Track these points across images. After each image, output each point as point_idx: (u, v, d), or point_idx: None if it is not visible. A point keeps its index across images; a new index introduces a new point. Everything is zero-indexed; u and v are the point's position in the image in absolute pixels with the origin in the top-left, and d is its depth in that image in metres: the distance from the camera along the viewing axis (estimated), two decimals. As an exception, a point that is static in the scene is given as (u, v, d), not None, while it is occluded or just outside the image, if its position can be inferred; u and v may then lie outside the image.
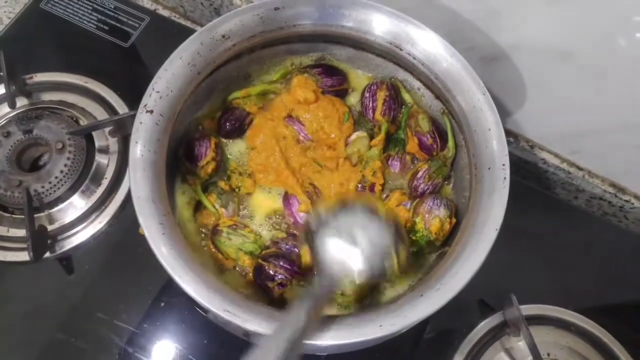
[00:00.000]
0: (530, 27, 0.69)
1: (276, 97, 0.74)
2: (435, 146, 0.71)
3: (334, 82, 0.75)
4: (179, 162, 0.69)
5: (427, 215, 0.66)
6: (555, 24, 0.66)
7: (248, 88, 0.74)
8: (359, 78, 0.77)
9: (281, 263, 0.64)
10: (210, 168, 0.69)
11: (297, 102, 0.73)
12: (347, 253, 0.54)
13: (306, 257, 0.62)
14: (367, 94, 0.74)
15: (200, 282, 0.53)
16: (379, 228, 0.56)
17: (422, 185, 0.70)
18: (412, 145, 0.73)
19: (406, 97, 0.74)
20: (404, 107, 0.75)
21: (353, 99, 0.76)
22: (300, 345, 0.48)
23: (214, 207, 0.68)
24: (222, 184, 0.70)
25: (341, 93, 0.76)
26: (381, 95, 0.73)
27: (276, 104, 0.73)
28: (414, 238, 0.66)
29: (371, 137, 0.73)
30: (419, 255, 0.66)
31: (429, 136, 0.71)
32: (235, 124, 0.73)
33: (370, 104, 0.73)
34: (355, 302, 0.65)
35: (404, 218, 0.67)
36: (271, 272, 0.64)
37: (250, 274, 0.66)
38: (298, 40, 0.72)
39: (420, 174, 0.70)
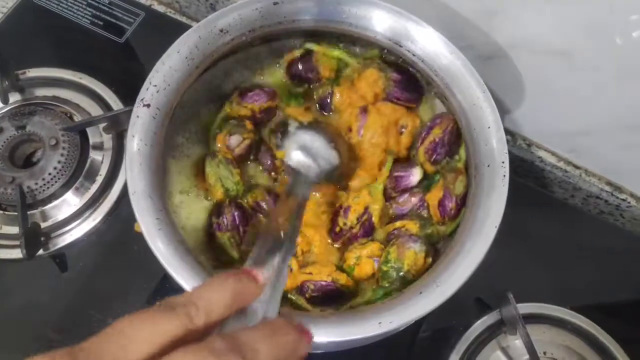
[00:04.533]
0: (528, 26, 0.69)
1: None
2: (453, 213, 0.65)
3: (405, 97, 0.71)
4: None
5: (402, 247, 0.63)
6: (553, 22, 0.66)
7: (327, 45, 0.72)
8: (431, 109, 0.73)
9: (236, 214, 0.64)
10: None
11: (356, 94, 0.71)
12: (306, 160, 0.62)
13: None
14: (429, 123, 0.70)
15: (197, 278, 0.53)
16: (326, 140, 0.65)
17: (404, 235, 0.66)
18: (434, 196, 0.67)
19: (462, 153, 0.69)
20: (452, 157, 0.69)
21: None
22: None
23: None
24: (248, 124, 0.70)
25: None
26: (436, 132, 0.68)
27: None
28: (384, 269, 0.63)
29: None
30: (388, 293, 0.63)
31: (455, 199, 0.65)
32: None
33: (423, 134, 0.69)
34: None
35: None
36: (224, 217, 0.64)
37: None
38: (297, 36, 0.72)
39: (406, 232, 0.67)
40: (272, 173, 0.69)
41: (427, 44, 0.66)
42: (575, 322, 0.74)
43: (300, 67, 0.72)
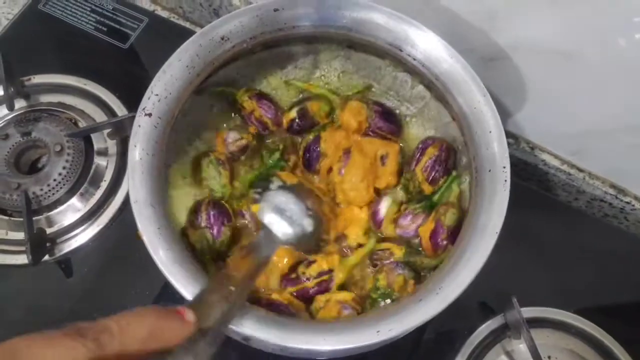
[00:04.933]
0: (529, 28, 0.68)
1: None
2: (444, 244, 0.65)
3: (387, 128, 0.72)
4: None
5: (390, 273, 0.64)
6: (555, 24, 0.66)
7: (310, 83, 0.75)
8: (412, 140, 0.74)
9: (212, 212, 0.65)
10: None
11: (340, 134, 0.72)
12: (279, 221, 0.63)
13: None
14: (420, 145, 0.71)
15: (198, 287, 0.53)
16: (303, 206, 0.65)
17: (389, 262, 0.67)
18: (426, 228, 0.67)
19: (454, 187, 0.68)
20: (450, 175, 0.70)
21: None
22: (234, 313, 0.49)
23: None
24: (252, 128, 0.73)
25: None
26: (432, 151, 0.69)
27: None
28: (374, 296, 0.64)
29: (407, 191, 0.71)
30: None
31: (447, 231, 0.65)
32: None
33: (417, 156, 0.70)
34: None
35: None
36: (201, 215, 0.65)
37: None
38: (297, 42, 0.72)
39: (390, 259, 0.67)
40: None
41: (428, 48, 0.66)
42: (579, 326, 0.74)
43: (300, 123, 0.73)
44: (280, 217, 0.62)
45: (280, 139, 0.74)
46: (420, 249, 0.67)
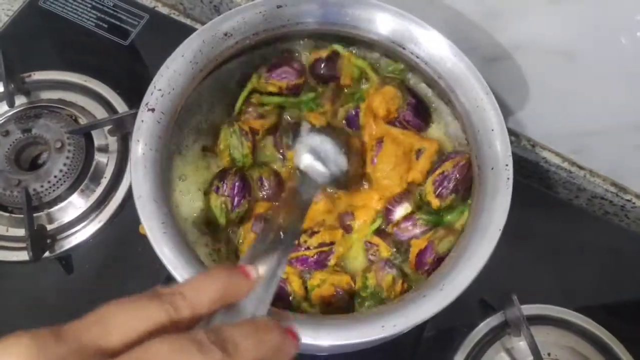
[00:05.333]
0: (532, 27, 0.68)
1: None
2: (427, 269, 0.63)
3: (414, 122, 0.70)
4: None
5: (379, 272, 0.63)
6: (558, 23, 0.66)
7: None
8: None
9: (237, 183, 0.66)
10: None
11: (369, 109, 0.71)
12: (315, 163, 0.61)
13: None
14: (445, 155, 0.69)
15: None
16: (336, 145, 0.63)
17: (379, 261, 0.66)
18: (417, 244, 0.65)
19: (465, 213, 0.65)
20: (458, 196, 0.67)
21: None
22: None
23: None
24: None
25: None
26: (448, 165, 0.66)
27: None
28: (363, 295, 0.63)
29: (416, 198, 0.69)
30: None
31: (435, 257, 0.63)
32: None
33: (436, 165, 0.68)
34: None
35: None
36: (225, 183, 0.65)
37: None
38: (301, 39, 0.72)
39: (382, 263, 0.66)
40: (284, 157, 0.71)
41: (431, 46, 0.66)
42: (580, 324, 0.74)
43: (323, 67, 0.72)
44: (315, 159, 0.61)
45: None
46: (408, 260, 0.66)
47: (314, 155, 0.61)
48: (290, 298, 0.63)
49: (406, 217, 0.67)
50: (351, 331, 0.52)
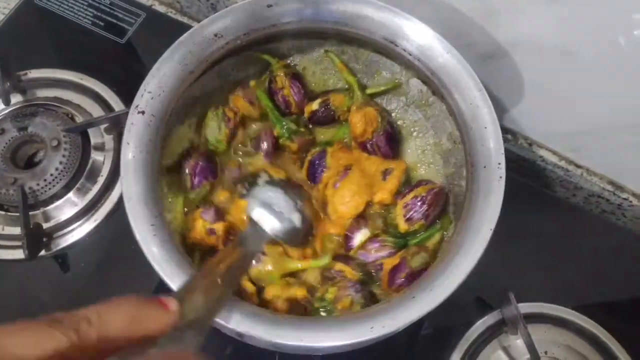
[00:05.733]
0: (529, 25, 0.68)
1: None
2: (399, 283, 0.63)
3: (384, 150, 0.71)
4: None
5: (342, 291, 0.62)
6: (555, 21, 0.66)
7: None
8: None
9: (200, 163, 0.67)
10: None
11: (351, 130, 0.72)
12: (267, 216, 0.63)
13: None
14: (414, 183, 0.69)
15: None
16: (291, 200, 0.65)
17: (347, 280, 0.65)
18: (390, 261, 0.65)
19: (436, 236, 0.67)
20: (427, 222, 0.67)
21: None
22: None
23: None
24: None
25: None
26: (421, 190, 0.67)
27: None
28: (316, 305, 0.62)
29: (384, 221, 0.69)
30: None
31: (407, 272, 0.62)
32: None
33: (405, 190, 0.68)
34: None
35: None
36: (189, 161, 0.67)
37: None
38: (291, 38, 0.72)
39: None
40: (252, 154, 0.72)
41: (423, 42, 0.66)
42: (577, 322, 0.74)
43: (320, 114, 0.73)
44: (268, 212, 0.62)
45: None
46: (379, 280, 0.65)
47: (267, 208, 0.62)
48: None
49: (372, 239, 0.66)
50: (340, 332, 0.52)
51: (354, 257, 0.66)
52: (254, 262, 0.63)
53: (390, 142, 0.72)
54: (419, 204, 0.66)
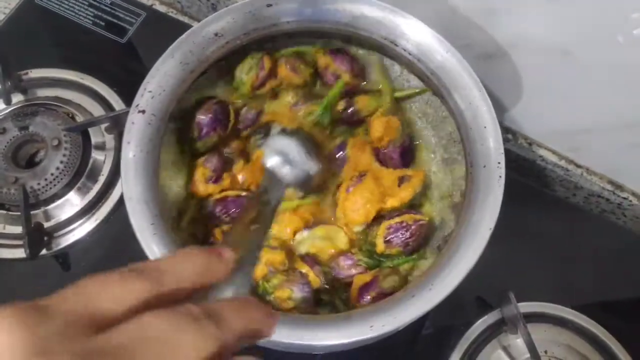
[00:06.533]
0: (528, 25, 0.68)
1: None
2: (366, 300, 0.62)
3: (396, 161, 0.70)
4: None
5: (287, 284, 0.62)
6: (554, 21, 0.66)
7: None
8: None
9: (210, 115, 0.68)
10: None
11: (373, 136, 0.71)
12: (282, 163, 0.61)
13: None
14: (404, 209, 0.68)
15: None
16: (305, 148, 0.64)
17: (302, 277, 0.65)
18: (362, 277, 0.64)
19: (410, 263, 0.66)
20: (406, 251, 0.66)
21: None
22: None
23: None
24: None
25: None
26: (408, 217, 0.65)
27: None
28: (261, 288, 0.63)
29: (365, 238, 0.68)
30: None
31: (377, 291, 0.62)
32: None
33: (394, 214, 0.67)
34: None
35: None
36: (201, 110, 0.67)
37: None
38: (292, 37, 0.72)
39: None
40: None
41: (423, 42, 0.66)
42: (577, 321, 0.74)
43: (346, 115, 0.72)
44: (283, 160, 0.61)
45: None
46: (346, 292, 0.65)
47: (282, 157, 0.61)
48: None
49: (346, 255, 0.66)
50: (341, 331, 0.52)
51: (328, 269, 0.66)
52: None
53: (404, 156, 0.71)
54: (402, 230, 0.65)
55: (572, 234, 0.82)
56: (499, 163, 0.60)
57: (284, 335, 0.52)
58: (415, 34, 0.66)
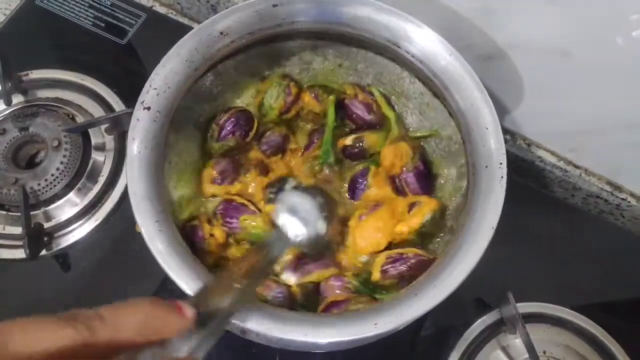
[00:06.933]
0: (528, 26, 0.68)
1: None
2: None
3: (413, 187, 0.69)
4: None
5: (265, 289, 0.63)
6: (553, 22, 0.66)
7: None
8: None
9: (233, 119, 0.70)
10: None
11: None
12: (293, 222, 0.61)
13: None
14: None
15: (198, 280, 0.53)
16: (318, 208, 0.64)
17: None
18: (337, 297, 0.64)
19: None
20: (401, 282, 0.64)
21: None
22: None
23: None
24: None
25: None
26: (411, 251, 0.64)
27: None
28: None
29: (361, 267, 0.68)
30: None
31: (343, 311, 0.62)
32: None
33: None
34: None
35: None
36: (224, 114, 0.70)
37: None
38: (297, 38, 0.72)
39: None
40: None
41: (426, 45, 0.66)
42: (575, 322, 0.74)
43: (353, 151, 0.73)
44: (294, 218, 0.61)
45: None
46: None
47: (292, 214, 0.61)
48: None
49: (338, 277, 0.65)
50: (345, 329, 0.52)
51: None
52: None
53: (421, 180, 0.70)
54: (400, 261, 0.63)
55: (571, 234, 0.82)
56: (500, 163, 0.61)
57: (289, 332, 0.52)
58: (419, 37, 0.66)
